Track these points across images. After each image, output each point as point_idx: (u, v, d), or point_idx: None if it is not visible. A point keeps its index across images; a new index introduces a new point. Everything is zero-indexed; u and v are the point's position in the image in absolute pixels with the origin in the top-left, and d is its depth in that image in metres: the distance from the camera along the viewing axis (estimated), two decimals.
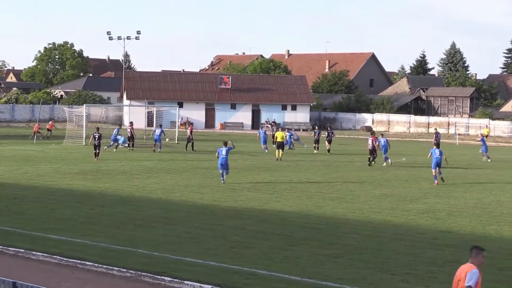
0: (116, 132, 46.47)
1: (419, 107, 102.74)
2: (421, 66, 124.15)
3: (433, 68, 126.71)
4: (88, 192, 25.41)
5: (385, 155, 39.97)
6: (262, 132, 49.43)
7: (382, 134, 43.77)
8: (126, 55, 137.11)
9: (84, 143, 50.12)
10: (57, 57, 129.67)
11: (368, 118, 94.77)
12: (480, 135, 56.03)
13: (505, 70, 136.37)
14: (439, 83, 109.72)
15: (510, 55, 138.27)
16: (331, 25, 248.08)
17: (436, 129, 60.37)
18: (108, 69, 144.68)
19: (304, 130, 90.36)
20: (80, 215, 20.38)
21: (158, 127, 48.65)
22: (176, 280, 13.53)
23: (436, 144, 35.80)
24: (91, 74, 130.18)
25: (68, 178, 29.44)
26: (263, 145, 47.66)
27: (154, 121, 69.83)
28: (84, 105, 56.25)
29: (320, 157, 44.94)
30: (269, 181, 30.29)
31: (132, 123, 49.52)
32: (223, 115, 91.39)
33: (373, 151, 39.25)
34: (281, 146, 42.02)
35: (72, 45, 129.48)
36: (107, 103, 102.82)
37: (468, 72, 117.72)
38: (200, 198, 24.50)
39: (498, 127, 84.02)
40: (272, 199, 24.69)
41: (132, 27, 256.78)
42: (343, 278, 13.95)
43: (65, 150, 45.62)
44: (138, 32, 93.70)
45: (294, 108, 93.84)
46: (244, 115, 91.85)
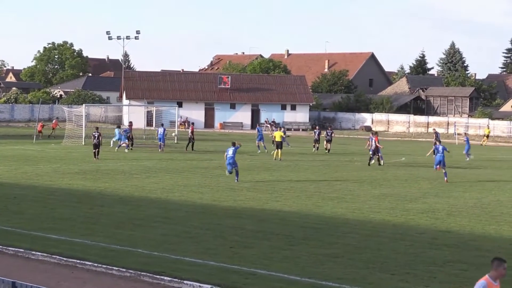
0: (126, 133, 46.16)
1: (419, 107, 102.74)
2: (421, 66, 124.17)
3: (433, 68, 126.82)
4: (88, 192, 25.39)
5: (380, 154, 40.34)
6: (260, 130, 49.63)
7: (372, 133, 43.91)
8: (126, 55, 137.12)
9: (84, 143, 50.11)
10: (57, 57, 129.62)
11: (368, 118, 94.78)
12: (465, 135, 54.26)
13: (505, 70, 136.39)
14: (439, 83, 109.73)
15: (510, 55, 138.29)
16: (331, 25, 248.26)
17: (435, 129, 60.43)
18: (108, 69, 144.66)
19: (304, 130, 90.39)
20: (80, 215, 20.36)
21: (161, 126, 48.61)
22: (176, 280, 13.52)
23: (438, 141, 36.21)
24: (91, 74, 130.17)
25: (68, 178, 29.42)
26: (257, 142, 47.71)
27: (154, 121, 69.86)
28: (84, 105, 56.21)
29: (320, 157, 44.93)
30: (269, 181, 30.29)
31: (132, 123, 49.54)
32: (223, 115, 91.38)
33: (376, 151, 39.29)
34: (280, 146, 42.06)
35: (72, 45, 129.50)
36: (107, 103, 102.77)
37: (468, 72, 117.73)
38: (200, 198, 24.49)
39: (498, 127, 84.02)
40: (272, 199, 24.68)
41: (132, 27, 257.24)
42: (343, 278, 13.94)
43: (65, 150, 45.61)
44: (138, 32, 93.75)
45: (294, 108, 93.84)
46: (244, 115, 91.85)
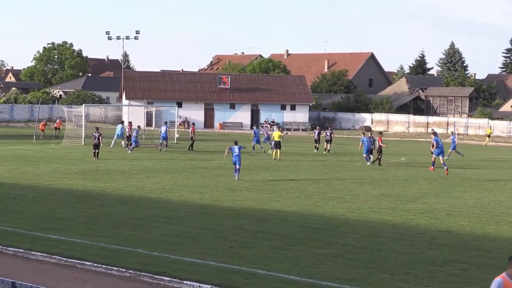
0: (136, 134, 45.97)
1: (418, 107, 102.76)
2: (420, 66, 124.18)
3: (432, 68, 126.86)
4: (87, 192, 25.39)
5: (366, 154, 40.70)
6: (257, 132, 49.79)
7: (364, 133, 44.27)
8: (125, 55, 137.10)
9: (84, 143, 50.11)
10: (56, 57, 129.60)
11: (367, 118, 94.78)
12: (451, 133, 53.13)
13: (504, 70, 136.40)
14: (438, 83, 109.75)
15: (509, 55, 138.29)
16: (330, 25, 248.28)
17: (433, 129, 60.20)
18: (107, 69, 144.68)
19: (303, 130, 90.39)
20: (79, 215, 20.36)
21: (164, 125, 48.79)
22: (176, 280, 13.52)
23: (435, 134, 36.69)
24: (90, 74, 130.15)
25: (67, 178, 29.41)
26: (253, 143, 47.78)
27: (154, 121, 69.88)
28: (83, 105, 56.23)
29: (320, 157, 44.94)
30: (268, 181, 30.29)
31: (131, 123, 49.53)
32: (222, 115, 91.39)
33: (379, 151, 39.33)
34: (279, 146, 42.17)
35: (71, 45, 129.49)
36: (106, 103, 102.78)
37: (467, 72, 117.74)
38: (200, 198, 24.49)
39: (497, 127, 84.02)
40: (272, 199, 24.68)
41: (131, 27, 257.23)
42: (343, 278, 13.94)
43: (64, 150, 45.61)
44: (137, 32, 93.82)
45: (293, 108, 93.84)
46: (243, 115, 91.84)
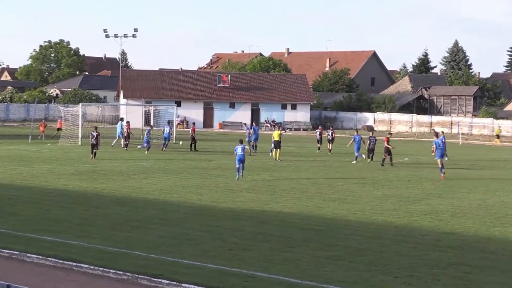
0: (148, 134, 45.87)
1: (422, 106, 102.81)
2: (424, 65, 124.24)
3: (436, 67, 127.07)
4: (84, 193, 25.37)
5: (357, 153, 41.49)
6: (256, 129, 49.91)
7: (357, 130, 45.06)
8: (123, 53, 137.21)
9: (80, 143, 50.11)
10: (53, 56, 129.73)
11: (370, 117, 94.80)
12: (442, 133, 52.25)
13: (509, 69, 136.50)
14: (442, 82, 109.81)
15: None
16: (332, 23, 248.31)
17: (434, 129, 60.17)
18: (105, 68, 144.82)
19: (305, 130, 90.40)
20: (76, 216, 20.34)
21: (167, 125, 49.09)
22: (174, 283, 13.50)
23: (436, 134, 36.78)
24: (87, 73, 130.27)
25: (64, 179, 29.40)
26: (253, 142, 47.85)
27: (152, 121, 69.78)
28: (80, 104, 56.20)
29: (321, 157, 44.93)
30: (269, 182, 30.27)
31: (129, 123, 49.52)
32: (222, 115, 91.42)
33: (386, 152, 39.26)
34: (279, 146, 42.16)
35: (68, 43, 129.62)
36: (104, 102, 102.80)
37: (471, 71, 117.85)
38: (198, 199, 24.46)
39: (502, 127, 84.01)
40: (272, 200, 24.67)
41: (129, 25, 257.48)
42: (344, 281, 13.92)
43: (61, 150, 45.59)
44: (135, 30, 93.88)
45: (294, 107, 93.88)
46: (243, 114, 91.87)
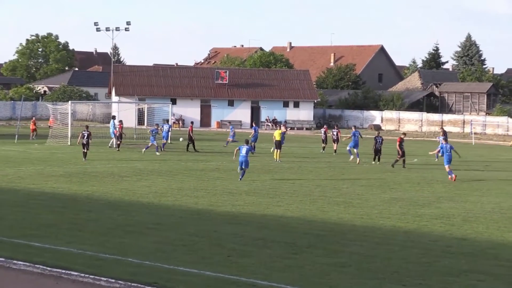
0: (154, 133, 45.52)
1: (432, 104, 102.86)
2: (434, 60, 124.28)
3: (447, 62, 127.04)
4: (74, 196, 25.40)
5: (356, 151, 42.01)
6: (256, 129, 49.93)
7: (355, 126, 45.48)
8: (115, 48, 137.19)
9: (70, 143, 50.16)
10: (40, 50, 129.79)
11: (377, 116, 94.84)
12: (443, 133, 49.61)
13: None
14: (454, 78, 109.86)
15: None
16: (337, 15, 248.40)
17: (443, 128, 59.96)
18: (96, 63, 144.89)
19: (308, 129, 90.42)
20: (65, 221, 20.37)
21: (166, 123, 49.14)
22: None
23: (445, 140, 36.63)
24: (77, 68, 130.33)
25: (52, 181, 29.44)
26: (252, 142, 47.93)
27: (145, 119, 69.81)
28: (70, 102, 56.29)
29: (325, 158, 44.97)
30: (270, 184, 30.31)
31: (122, 122, 49.56)
32: (220, 113, 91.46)
33: (402, 153, 39.19)
34: (279, 146, 42.30)
35: (57, 37, 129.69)
36: (94, 100, 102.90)
37: (485, 66, 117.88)
38: (195, 203, 24.50)
39: None
40: (273, 204, 24.70)
41: (122, 18, 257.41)
42: None
43: (49, 151, 45.64)
44: (128, 23, 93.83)
45: (297, 105, 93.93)
46: (243, 113, 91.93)
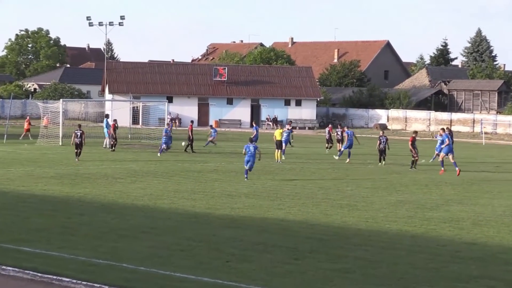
0: (167, 134, 45.31)
1: (440, 102, 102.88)
2: (443, 56, 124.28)
3: (456, 58, 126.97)
4: (65, 199, 25.39)
5: (343, 148, 42.64)
6: (257, 128, 50.03)
7: (348, 127, 45.75)
8: (108, 43, 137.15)
9: (61, 143, 50.17)
10: (30, 46, 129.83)
11: (383, 115, 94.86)
12: (442, 130, 46.25)
13: None
14: (463, 75, 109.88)
15: None
16: (341, 9, 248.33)
17: (448, 127, 59.38)
18: (88, 59, 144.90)
19: (310, 128, 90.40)
20: (56, 225, 20.36)
21: (169, 122, 49.35)
22: None
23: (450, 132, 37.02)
24: (69, 65, 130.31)
25: (43, 183, 29.43)
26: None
27: (140, 118, 69.85)
28: (61, 100, 56.30)
29: (328, 159, 44.94)
30: (271, 186, 30.30)
31: (116, 121, 49.55)
32: (218, 111, 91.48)
33: (414, 153, 39.12)
34: (280, 146, 42.33)
35: (47, 32, 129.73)
36: (87, 98, 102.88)
37: (496, 63, 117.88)
38: (192, 206, 24.49)
39: None
40: (274, 207, 24.69)
41: (115, 12, 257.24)
42: None
43: (39, 151, 45.63)
44: (122, 18, 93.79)
45: (299, 103, 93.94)
46: (242, 111, 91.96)
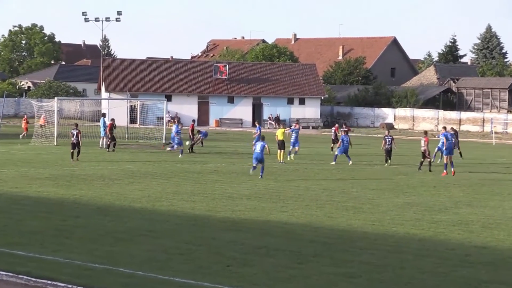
0: (178, 134, 45.13)
1: (449, 101, 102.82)
2: (451, 53, 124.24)
3: (465, 55, 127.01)
4: (60, 201, 25.41)
5: (339, 153, 42.51)
6: (259, 128, 50.02)
7: (345, 130, 45.97)
8: (105, 40, 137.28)
9: (56, 143, 50.19)
10: (24, 42, 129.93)
11: (389, 114, 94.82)
12: (451, 129, 44.42)
13: None
14: (473, 73, 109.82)
15: None
16: (345, 5, 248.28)
17: (453, 128, 58.93)
18: (84, 56, 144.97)
19: (314, 128, 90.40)
20: (51, 228, 20.38)
21: (177, 122, 49.36)
22: None
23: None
24: (64, 62, 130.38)
25: (37, 184, 29.45)
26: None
27: (138, 117, 69.88)
28: (56, 98, 56.29)
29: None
30: (273, 188, 30.30)
31: (114, 120, 49.56)
32: (219, 110, 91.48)
33: (425, 154, 38.98)
34: (283, 146, 42.31)
35: (42, 28, 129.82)
36: (83, 96, 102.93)
37: (506, 60, 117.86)
38: (192, 208, 24.51)
39: None
40: (277, 209, 24.70)
41: (112, 7, 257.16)
42: None
43: (33, 151, 45.65)
44: (119, 13, 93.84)
45: (302, 102, 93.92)
46: (244, 110, 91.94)
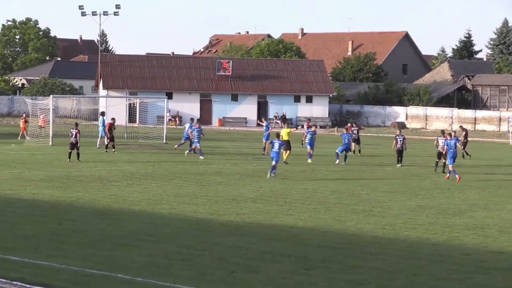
0: (198, 133, 45.00)
1: (464, 99, 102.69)
2: (466, 48, 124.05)
3: (481, 51, 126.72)
4: (56, 204, 25.43)
5: (346, 154, 42.90)
6: (268, 125, 50.12)
7: (347, 128, 46.55)
8: (103, 35, 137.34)
9: (51, 143, 50.23)
10: (18, 38, 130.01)
11: (401, 112, 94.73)
12: (454, 134, 38.78)
13: None
14: (488, 69, 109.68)
15: None
16: None
17: (462, 126, 58.84)
18: (81, 52, 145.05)
19: (322, 127, 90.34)
20: (46, 232, 20.40)
21: (195, 121, 49.03)
22: None
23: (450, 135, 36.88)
24: (60, 58, 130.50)
25: (32, 186, 29.48)
26: (264, 141, 48.01)
27: (137, 116, 69.91)
28: (51, 96, 56.36)
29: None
30: (279, 190, 30.30)
31: (114, 120, 49.51)
32: (222, 109, 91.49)
33: (442, 155, 38.80)
34: (288, 146, 42.37)
35: (36, 23, 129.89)
36: (79, 94, 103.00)
37: None
38: (194, 211, 24.51)
39: None
40: (283, 212, 24.70)
41: (110, 1, 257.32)
42: None
43: (28, 152, 45.70)
44: (117, 7, 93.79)
45: (310, 100, 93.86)
46: (248, 109, 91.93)
